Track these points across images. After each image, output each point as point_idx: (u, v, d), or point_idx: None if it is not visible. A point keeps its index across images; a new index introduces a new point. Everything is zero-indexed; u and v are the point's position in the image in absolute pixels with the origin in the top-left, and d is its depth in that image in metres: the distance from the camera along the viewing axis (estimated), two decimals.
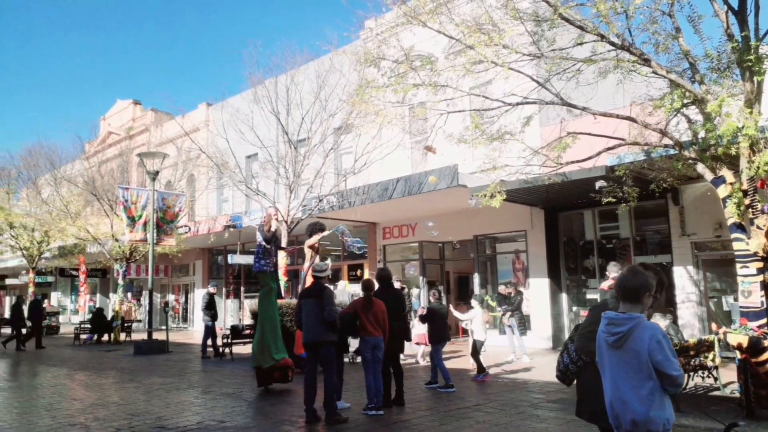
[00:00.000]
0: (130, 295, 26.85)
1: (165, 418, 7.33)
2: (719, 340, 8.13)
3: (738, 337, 7.11)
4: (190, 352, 16.22)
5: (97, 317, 20.56)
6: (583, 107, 9.15)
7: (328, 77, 15.99)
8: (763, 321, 7.50)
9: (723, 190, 8.01)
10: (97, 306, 26.50)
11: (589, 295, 14.74)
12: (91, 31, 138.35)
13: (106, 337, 20.27)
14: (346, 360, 12.15)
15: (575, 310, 14.96)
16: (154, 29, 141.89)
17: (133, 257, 21.49)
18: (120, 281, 21.29)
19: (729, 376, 8.51)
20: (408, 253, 18.72)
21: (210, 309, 15.12)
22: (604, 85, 9.61)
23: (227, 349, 14.15)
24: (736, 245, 8.00)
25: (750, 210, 7.73)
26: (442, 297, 10.35)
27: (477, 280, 16.68)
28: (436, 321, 9.55)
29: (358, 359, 11.11)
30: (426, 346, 10.21)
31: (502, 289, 13.25)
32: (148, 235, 16.98)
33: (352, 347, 12.44)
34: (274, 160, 16.53)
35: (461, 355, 10.25)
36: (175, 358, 14.84)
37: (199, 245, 24.17)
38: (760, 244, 7.65)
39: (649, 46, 8.53)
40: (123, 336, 20.40)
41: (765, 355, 6.81)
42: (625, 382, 2.91)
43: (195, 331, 24.07)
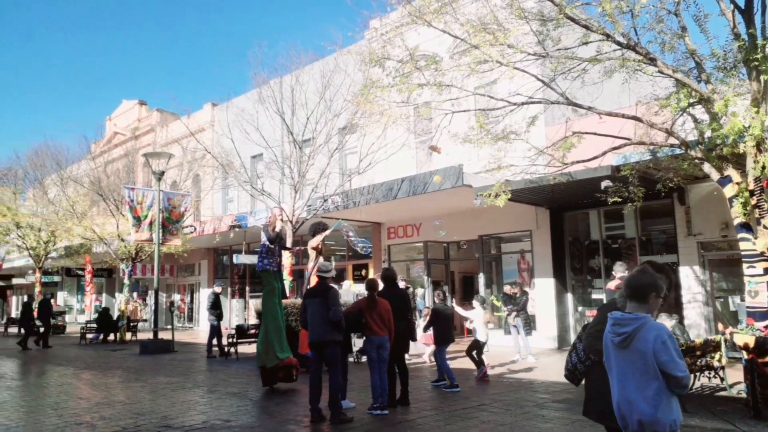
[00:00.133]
0: (135, 294, 26.94)
1: (171, 417, 7.36)
2: (726, 341, 8.09)
3: (745, 337, 7.07)
4: (195, 351, 16.27)
5: (103, 317, 20.66)
6: (589, 107, 9.13)
7: (332, 77, 16.00)
8: None
9: (729, 190, 7.98)
10: (103, 305, 26.59)
11: (595, 296, 14.70)
12: (97, 31, 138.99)
13: (112, 337, 20.35)
14: (351, 360, 12.20)
15: (581, 310, 14.93)
16: (160, 30, 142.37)
17: (139, 257, 21.56)
18: (126, 281, 21.35)
19: (736, 376, 8.46)
20: (413, 253, 18.72)
21: (215, 308, 15.16)
22: (609, 85, 9.58)
23: (232, 349, 14.19)
24: (742, 245, 7.97)
25: (757, 210, 7.70)
26: (446, 298, 10.32)
27: (482, 280, 16.66)
28: (440, 322, 9.51)
29: (363, 359, 11.14)
30: (433, 346, 10.22)
31: (508, 289, 13.22)
32: (154, 235, 17.03)
33: (356, 347, 12.50)
34: (279, 160, 16.55)
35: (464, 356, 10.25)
36: (181, 357, 14.88)
37: (204, 245, 24.24)
38: (767, 244, 7.62)
39: (655, 46, 8.51)
40: (129, 335, 20.50)
41: None
42: (632, 383, 2.90)
43: (200, 331, 24.14)
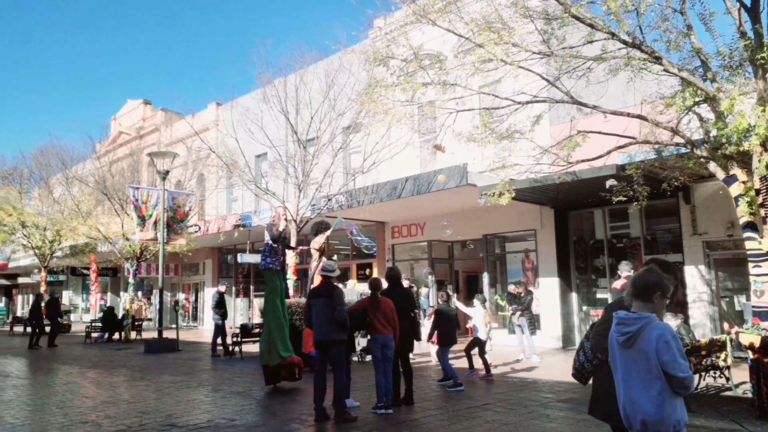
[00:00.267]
0: (140, 293, 27.02)
1: (175, 416, 7.37)
2: (731, 340, 8.06)
3: (750, 336, 7.04)
4: (200, 350, 16.30)
5: (108, 316, 20.72)
6: (594, 105, 9.11)
7: (337, 76, 16.01)
8: None
9: (735, 189, 7.95)
10: (108, 305, 26.70)
11: (599, 295, 14.67)
12: (101, 31, 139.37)
13: (116, 336, 20.42)
14: (355, 359, 12.21)
15: (585, 309, 14.89)
16: (165, 29, 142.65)
17: (144, 256, 21.62)
18: (130, 280, 21.42)
19: (741, 376, 8.44)
20: (417, 253, 18.71)
21: (220, 308, 15.18)
22: (614, 84, 9.56)
23: (237, 348, 14.22)
24: (748, 244, 7.94)
25: (762, 209, 7.67)
26: (450, 299, 10.33)
27: (486, 279, 16.64)
28: (443, 323, 9.51)
29: (368, 358, 11.15)
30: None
31: (512, 289, 13.20)
32: (159, 234, 17.08)
33: (360, 346, 12.51)
34: (284, 159, 16.56)
35: (471, 354, 10.24)
36: (185, 356, 14.91)
37: (208, 244, 24.29)
38: None
39: (661, 44, 8.48)
40: (133, 334, 20.55)
41: None
42: (636, 382, 2.89)
43: (205, 330, 24.20)
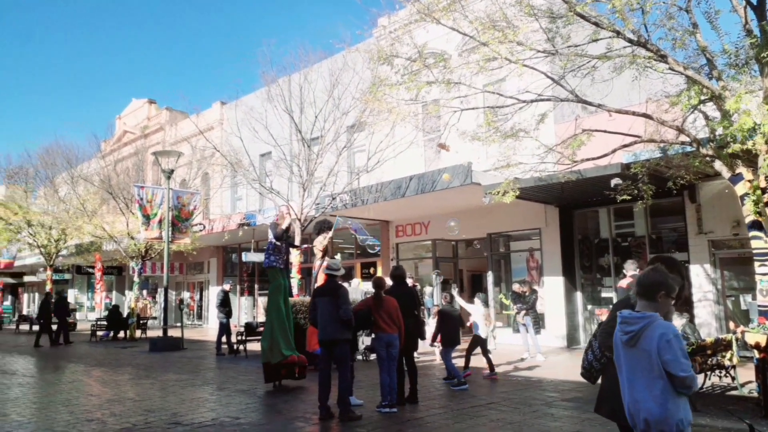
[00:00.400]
0: (145, 292, 27.10)
1: (180, 414, 7.40)
2: (737, 339, 8.03)
3: (756, 336, 7.01)
4: (204, 349, 16.34)
5: (113, 314, 20.80)
6: (599, 104, 9.08)
7: (341, 75, 16.01)
8: None
9: (741, 188, 7.92)
10: (113, 303, 26.79)
11: (604, 294, 14.64)
12: (106, 30, 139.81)
13: (122, 334, 20.48)
14: (359, 358, 12.21)
15: (590, 308, 14.86)
16: (169, 28, 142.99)
17: (149, 255, 21.66)
18: (135, 279, 21.48)
19: (747, 375, 8.40)
20: (421, 251, 18.70)
21: (224, 306, 15.21)
22: (619, 82, 9.53)
23: (241, 346, 14.25)
24: (754, 243, 7.91)
25: None
26: (454, 300, 10.34)
27: (490, 278, 16.63)
28: (447, 324, 9.51)
29: (372, 357, 11.15)
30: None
31: (517, 288, 13.17)
32: (163, 233, 17.12)
33: (363, 345, 12.51)
34: (288, 158, 16.58)
35: (474, 354, 10.24)
36: (190, 354, 14.95)
37: (213, 243, 24.33)
38: None
39: (666, 42, 8.45)
40: (138, 333, 20.61)
41: None
42: (639, 381, 2.89)
43: (209, 328, 24.25)
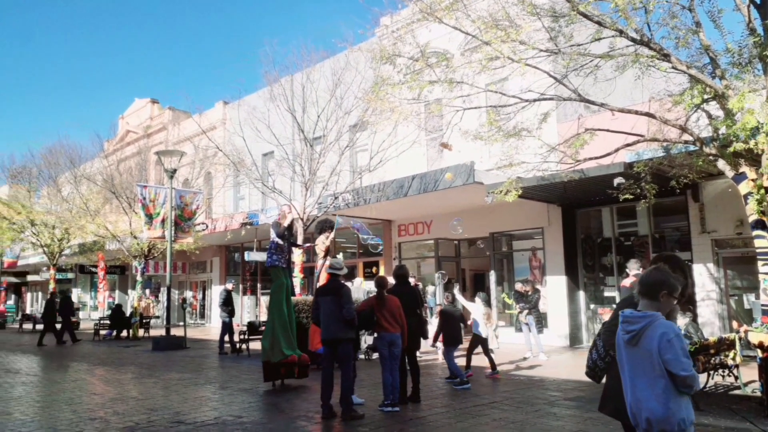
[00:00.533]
0: (148, 291, 27.13)
1: (183, 413, 7.41)
2: (740, 339, 8.01)
3: (759, 335, 7.00)
4: (207, 348, 16.36)
5: (116, 313, 20.83)
6: (601, 103, 9.07)
7: (343, 75, 16.01)
8: None
9: (744, 187, 7.90)
10: (116, 302, 26.84)
11: (607, 293, 14.62)
12: (109, 30, 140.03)
13: (125, 333, 20.51)
14: (362, 357, 12.22)
15: (593, 308, 14.85)
16: (171, 28, 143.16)
17: (152, 254, 21.71)
18: (138, 278, 21.53)
19: (750, 375, 8.39)
20: (423, 251, 18.70)
21: (227, 305, 15.23)
22: (622, 81, 9.51)
23: (244, 345, 14.26)
24: (757, 242, 7.89)
25: None
26: (456, 301, 10.34)
27: (493, 277, 16.62)
28: (449, 323, 9.54)
29: (375, 356, 11.16)
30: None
31: (519, 287, 13.16)
32: (166, 232, 17.15)
33: (365, 344, 12.51)
34: (290, 157, 16.59)
35: (476, 353, 10.24)
36: (193, 354, 14.97)
37: (216, 242, 24.37)
38: None
39: (669, 41, 8.44)
40: (141, 332, 20.63)
41: None
42: (641, 381, 2.89)
43: (212, 328, 24.28)
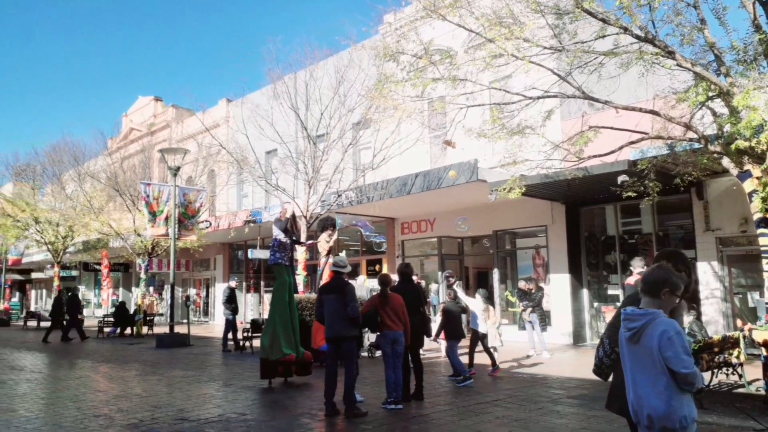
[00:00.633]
0: (152, 289, 27.23)
1: (187, 410, 7.42)
2: (744, 337, 7.98)
3: (763, 333, 6.99)
4: (211, 345, 16.39)
5: (120, 311, 20.90)
6: (605, 101, 9.04)
7: (346, 72, 16.00)
8: None
9: (749, 185, 7.87)
10: (120, 300, 26.90)
11: (611, 291, 14.60)
12: (112, 29, 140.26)
13: (128, 331, 20.59)
14: (364, 354, 12.22)
15: (596, 306, 14.83)
16: (175, 26, 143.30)
17: (155, 252, 21.75)
18: (142, 275, 21.58)
19: (754, 373, 8.37)
20: (427, 248, 18.69)
21: (231, 303, 15.25)
22: (626, 79, 9.48)
23: (248, 343, 14.29)
24: (762, 240, 7.87)
25: None
26: (458, 298, 10.34)
27: (496, 275, 16.60)
28: (451, 319, 9.60)
29: (378, 353, 11.16)
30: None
31: (523, 285, 13.14)
32: (170, 230, 17.18)
33: (368, 342, 12.51)
34: (294, 155, 16.59)
35: (478, 351, 10.24)
36: (197, 351, 15.01)
37: (219, 240, 24.40)
38: None
39: (674, 39, 8.40)
40: (145, 329, 20.70)
41: None
42: (642, 378, 2.89)
43: (216, 325, 24.33)
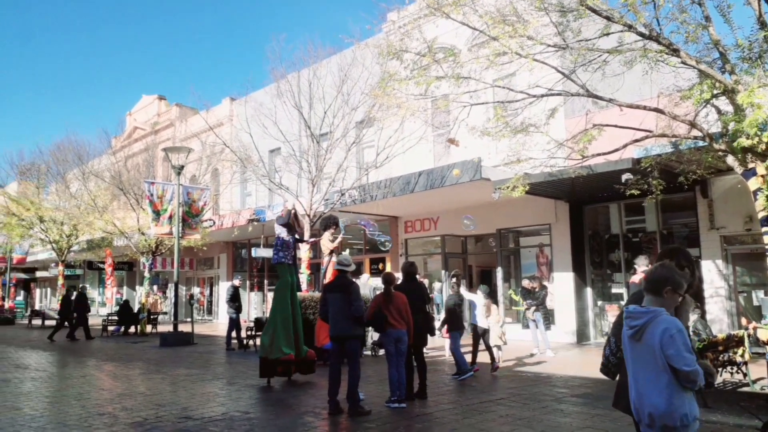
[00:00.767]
0: (156, 287, 27.26)
1: (190, 408, 7.43)
2: (749, 336, 7.97)
3: None
4: (214, 344, 16.42)
5: (124, 309, 20.95)
6: (609, 99, 9.01)
7: (350, 71, 15.99)
8: None
9: (754, 183, 7.84)
10: (124, 298, 26.99)
11: (615, 290, 14.56)
12: (115, 28, 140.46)
13: (132, 329, 20.63)
14: (368, 353, 12.23)
15: (600, 304, 14.80)
16: (178, 24, 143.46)
17: (159, 250, 21.80)
18: (146, 274, 21.62)
19: (759, 372, 8.34)
20: (430, 247, 18.69)
21: (234, 301, 15.27)
22: (630, 77, 9.45)
23: (251, 341, 14.31)
24: (766, 239, 7.84)
25: None
26: (460, 294, 10.34)
27: (500, 274, 16.59)
28: (453, 312, 9.70)
29: (381, 352, 11.16)
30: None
31: (526, 284, 13.12)
32: (174, 228, 17.20)
33: (371, 340, 12.52)
34: (297, 154, 16.60)
35: (481, 350, 10.24)
36: (200, 349, 15.04)
37: (223, 239, 24.44)
38: None
39: (678, 36, 8.36)
40: (149, 328, 20.74)
41: None
42: (644, 375, 2.89)
43: (219, 324, 24.38)
